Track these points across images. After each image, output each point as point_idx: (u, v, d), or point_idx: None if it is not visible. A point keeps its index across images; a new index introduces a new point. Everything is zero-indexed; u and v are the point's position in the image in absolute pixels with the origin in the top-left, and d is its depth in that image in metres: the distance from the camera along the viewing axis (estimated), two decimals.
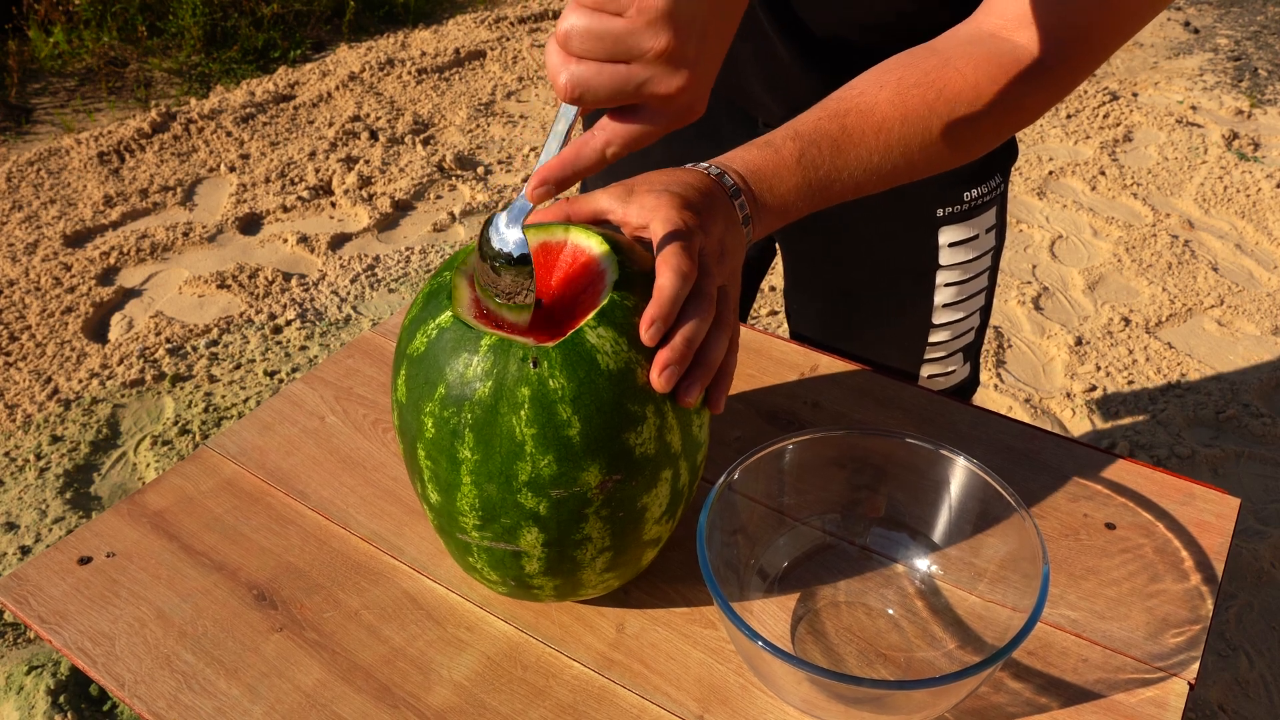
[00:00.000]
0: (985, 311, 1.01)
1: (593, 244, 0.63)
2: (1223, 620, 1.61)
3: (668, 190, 0.63)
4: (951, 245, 0.93)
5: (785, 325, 2.25)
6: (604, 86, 0.52)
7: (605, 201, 0.65)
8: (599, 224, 0.66)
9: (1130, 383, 2.10)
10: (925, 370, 1.01)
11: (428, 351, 0.59)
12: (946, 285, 0.95)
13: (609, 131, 0.55)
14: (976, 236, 0.94)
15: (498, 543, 0.61)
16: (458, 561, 0.67)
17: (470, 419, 0.57)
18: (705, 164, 0.68)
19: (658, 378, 0.58)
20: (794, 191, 0.69)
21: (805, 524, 0.75)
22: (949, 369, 1.02)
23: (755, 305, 2.33)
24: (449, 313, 0.59)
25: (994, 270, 0.99)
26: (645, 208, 0.63)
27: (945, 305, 0.97)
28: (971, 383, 1.06)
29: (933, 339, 0.99)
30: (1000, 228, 0.96)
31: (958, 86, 0.69)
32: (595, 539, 0.61)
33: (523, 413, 0.56)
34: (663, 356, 0.58)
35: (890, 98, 0.69)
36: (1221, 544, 0.76)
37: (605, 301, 0.59)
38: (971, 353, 1.03)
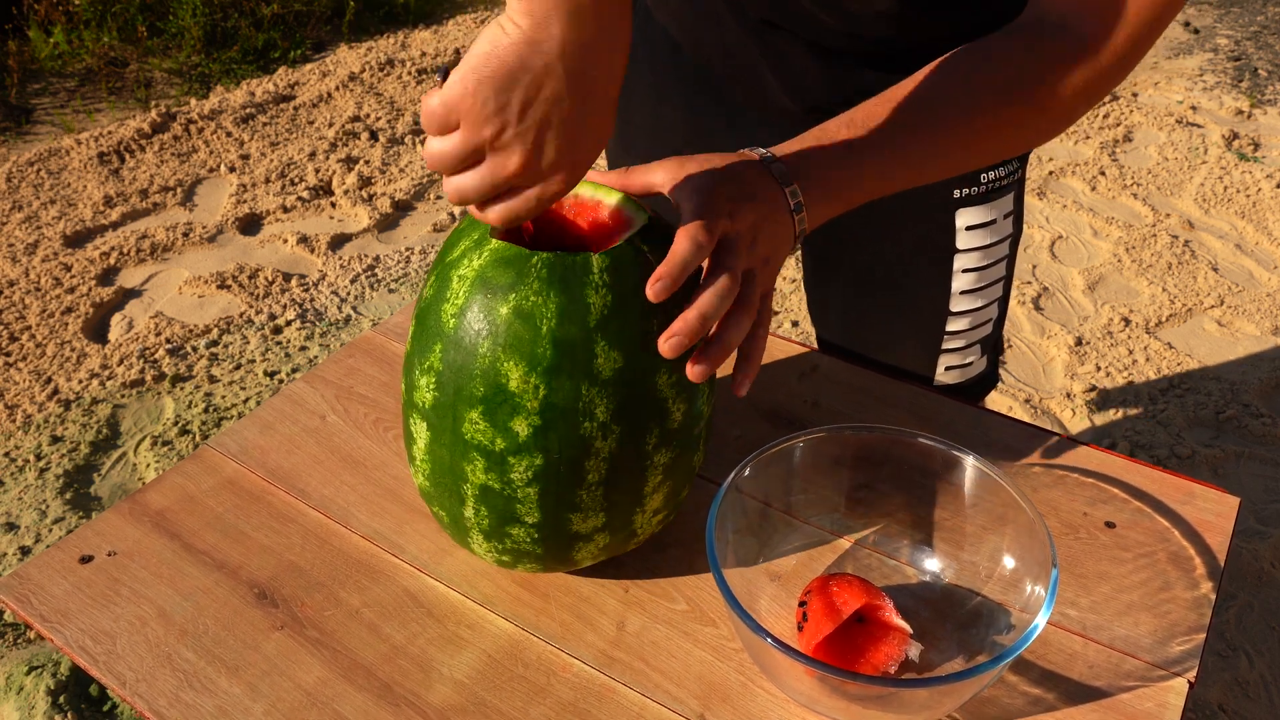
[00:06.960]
0: (1003, 304, 1.02)
1: (628, 207, 0.65)
2: (1223, 620, 1.61)
3: (711, 173, 0.65)
4: (969, 229, 0.94)
5: (785, 325, 2.26)
6: (478, 191, 0.57)
7: (659, 176, 0.67)
8: (650, 197, 0.68)
9: (1130, 383, 2.10)
10: (943, 361, 1.01)
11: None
12: (965, 271, 0.96)
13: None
14: (994, 221, 0.94)
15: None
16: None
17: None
18: (760, 150, 0.69)
19: (663, 344, 0.59)
20: (850, 179, 0.70)
21: (813, 522, 0.75)
22: (967, 360, 1.02)
23: None
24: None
25: (1012, 260, 0.99)
26: (686, 188, 0.64)
27: (963, 292, 0.97)
28: (989, 379, 1.06)
29: (951, 327, 0.99)
30: (1018, 216, 0.97)
31: (1007, 73, 0.69)
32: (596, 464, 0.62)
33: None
34: (672, 326, 0.59)
35: (942, 87, 0.70)
36: (1221, 544, 0.76)
37: (621, 241, 0.61)
38: (989, 346, 1.03)
